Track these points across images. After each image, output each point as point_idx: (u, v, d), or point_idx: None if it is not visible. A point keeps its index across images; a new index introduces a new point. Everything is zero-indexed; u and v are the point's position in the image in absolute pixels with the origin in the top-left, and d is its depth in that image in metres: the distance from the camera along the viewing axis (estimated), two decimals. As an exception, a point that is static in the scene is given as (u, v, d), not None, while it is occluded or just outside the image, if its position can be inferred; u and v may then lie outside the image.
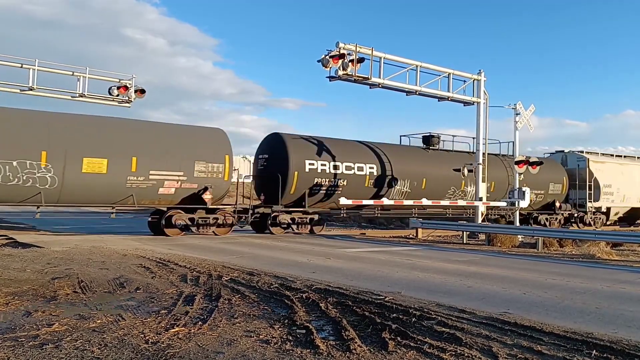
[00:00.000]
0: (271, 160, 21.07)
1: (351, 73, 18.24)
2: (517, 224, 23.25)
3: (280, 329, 5.97)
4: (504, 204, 24.90)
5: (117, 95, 21.19)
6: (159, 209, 18.58)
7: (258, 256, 13.40)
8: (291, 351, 5.17)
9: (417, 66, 20.34)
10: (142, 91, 21.85)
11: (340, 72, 17.99)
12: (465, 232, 20.89)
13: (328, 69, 17.98)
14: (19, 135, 15.89)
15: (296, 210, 20.94)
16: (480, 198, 23.07)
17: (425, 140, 25.56)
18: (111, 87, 21.39)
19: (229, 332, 5.80)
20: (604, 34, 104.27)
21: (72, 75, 20.76)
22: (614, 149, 59.19)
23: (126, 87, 21.27)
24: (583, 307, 7.77)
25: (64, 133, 16.59)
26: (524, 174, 23.46)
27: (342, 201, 21.37)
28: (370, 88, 19.86)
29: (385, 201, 22.52)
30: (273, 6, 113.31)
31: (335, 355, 5.08)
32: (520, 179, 23.00)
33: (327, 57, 17.71)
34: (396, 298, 7.85)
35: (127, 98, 21.16)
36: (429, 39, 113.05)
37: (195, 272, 9.93)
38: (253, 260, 12.45)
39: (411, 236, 21.92)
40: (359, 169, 22.03)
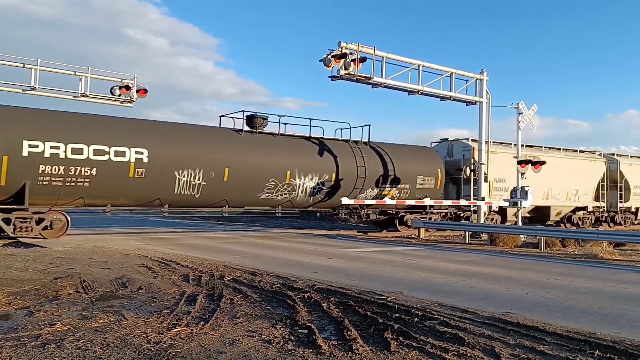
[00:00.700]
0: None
1: (353, 72, 18.22)
2: (520, 224, 23.19)
3: (282, 329, 5.97)
4: (507, 204, 24.85)
5: (119, 95, 21.18)
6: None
7: (260, 256, 13.40)
8: (293, 351, 5.16)
9: (420, 65, 20.32)
10: (144, 91, 21.86)
11: (342, 72, 17.97)
12: (467, 232, 20.85)
13: (330, 69, 17.97)
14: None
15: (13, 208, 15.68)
16: (482, 198, 23.04)
17: (248, 121, 20.71)
18: (113, 87, 21.40)
19: (231, 332, 5.80)
20: (607, 35, 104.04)
21: (74, 75, 20.77)
22: (616, 148, 59.00)
23: (128, 87, 21.27)
24: (586, 307, 7.75)
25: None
26: (379, 164, 21.24)
27: (344, 201, 21.31)
28: (372, 88, 19.83)
29: (387, 201, 22.51)
30: (274, 6, 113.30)
31: (337, 355, 5.07)
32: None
33: (329, 57, 17.70)
34: (398, 298, 7.84)
35: (129, 98, 21.13)
36: (431, 39, 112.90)
37: (197, 272, 9.93)
38: (255, 260, 12.45)
39: (413, 236, 21.90)
40: (119, 154, 16.81)
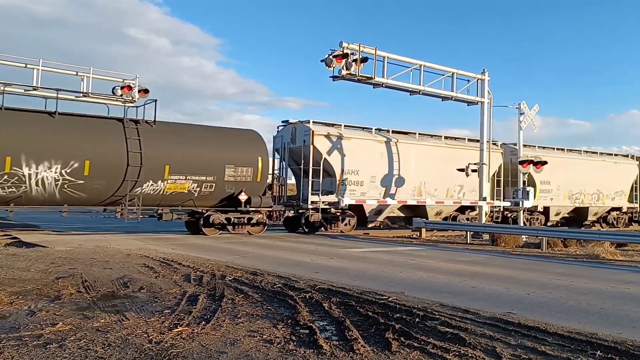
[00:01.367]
0: None
1: (355, 73, 18.25)
2: (521, 224, 23.18)
3: (283, 329, 5.97)
4: (508, 204, 24.85)
5: (121, 95, 21.27)
6: None
7: (261, 256, 13.40)
8: (294, 351, 5.17)
9: (421, 66, 20.33)
10: (146, 91, 21.92)
11: (343, 72, 18.00)
12: (469, 232, 20.85)
13: (331, 69, 18.01)
14: None
15: None
16: (484, 198, 23.03)
17: None
18: (115, 87, 21.48)
19: (233, 332, 5.80)
20: (609, 34, 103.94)
21: (76, 75, 20.85)
22: (618, 149, 58.91)
23: (130, 87, 21.36)
24: (587, 308, 7.74)
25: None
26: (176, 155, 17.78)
27: (346, 200, 21.33)
28: (373, 88, 19.86)
29: (388, 201, 22.52)
30: (275, 6, 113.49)
31: (338, 355, 5.07)
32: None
33: (331, 57, 17.73)
34: (400, 298, 7.83)
35: (131, 98, 21.21)
36: (433, 39, 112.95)
37: (198, 272, 9.93)
38: (256, 260, 12.45)
39: (415, 236, 21.89)
40: None
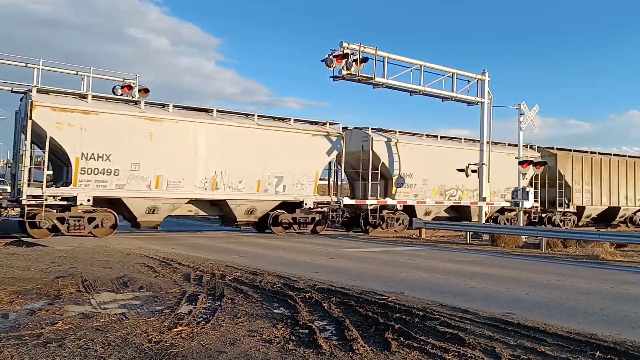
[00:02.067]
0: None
1: (355, 73, 18.24)
2: (521, 224, 23.18)
3: (283, 329, 5.97)
4: (507, 204, 24.87)
5: (121, 94, 21.28)
6: None
7: (261, 256, 13.41)
8: (294, 351, 5.17)
9: (421, 66, 20.32)
10: (146, 90, 21.95)
11: (344, 72, 17.99)
12: (468, 233, 20.85)
13: (332, 69, 17.99)
14: None
15: None
16: (484, 198, 23.04)
17: None
18: (115, 87, 21.50)
19: (232, 332, 5.81)
20: (609, 35, 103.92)
21: (77, 74, 20.87)
22: (618, 149, 58.87)
23: (130, 87, 21.39)
24: (587, 308, 7.75)
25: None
26: None
27: (346, 200, 21.35)
28: (374, 88, 19.85)
29: (389, 201, 22.51)
30: (275, 5, 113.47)
31: (338, 355, 5.08)
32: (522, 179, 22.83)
33: (331, 57, 17.72)
34: (399, 298, 7.84)
35: (131, 97, 21.22)
36: (433, 39, 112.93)
37: (198, 272, 9.94)
38: (256, 259, 12.45)
39: (414, 236, 21.90)
40: None
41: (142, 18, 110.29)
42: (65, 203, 16.50)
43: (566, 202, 28.52)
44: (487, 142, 23.16)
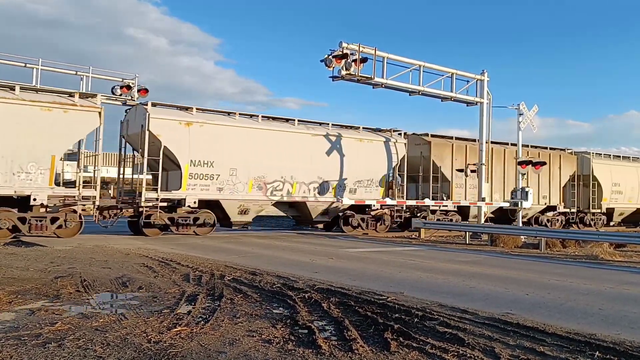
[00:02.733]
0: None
1: (354, 73, 18.23)
2: (520, 225, 23.19)
3: (282, 329, 5.97)
4: (507, 204, 24.88)
5: (120, 94, 21.22)
6: None
7: (260, 256, 13.41)
8: (293, 351, 5.17)
9: (421, 66, 20.32)
10: (145, 90, 21.87)
11: (343, 72, 17.98)
12: (467, 233, 20.86)
13: (331, 69, 17.98)
14: None
15: None
16: (483, 198, 23.05)
17: None
18: (114, 87, 21.43)
19: (232, 332, 5.80)
20: (608, 35, 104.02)
21: (76, 74, 20.82)
22: (617, 149, 58.98)
23: (129, 87, 21.30)
24: (586, 308, 7.75)
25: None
26: None
27: (345, 200, 21.38)
28: (373, 88, 19.85)
29: (388, 201, 22.53)
30: (275, 5, 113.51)
31: (337, 355, 5.08)
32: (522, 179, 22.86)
33: (330, 57, 17.72)
34: (398, 298, 7.84)
35: (130, 97, 21.17)
36: (432, 40, 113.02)
37: (197, 272, 9.93)
38: (255, 259, 12.45)
39: (414, 236, 21.90)
40: None
41: (141, 18, 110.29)
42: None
43: (444, 198, 24.45)
44: (487, 142, 23.18)
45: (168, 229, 18.57)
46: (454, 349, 5.30)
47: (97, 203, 17.44)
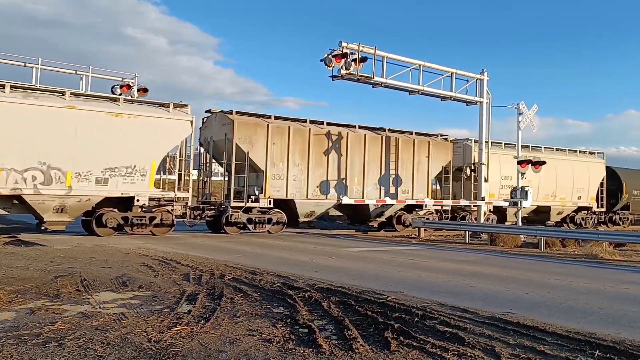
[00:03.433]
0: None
1: (354, 72, 18.25)
2: (520, 224, 23.20)
3: (282, 328, 5.97)
4: (506, 204, 24.87)
5: (120, 94, 21.23)
6: None
7: (260, 255, 13.40)
8: (293, 350, 5.17)
9: (420, 65, 20.33)
10: (145, 90, 21.91)
11: (343, 72, 17.99)
12: (467, 232, 20.87)
13: (331, 68, 18.00)
14: None
15: None
16: (483, 197, 23.05)
17: None
18: (114, 86, 21.46)
19: (232, 331, 5.80)
20: (607, 35, 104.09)
21: (75, 74, 20.85)
22: (616, 149, 58.83)
23: (129, 86, 21.35)
24: (586, 308, 7.76)
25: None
26: None
27: (345, 200, 21.37)
28: (372, 87, 19.86)
29: (388, 200, 22.53)
30: (274, 5, 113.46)
31: (337, 354, 5.08)
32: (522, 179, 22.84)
33: (330, 56, 17.72)
34: (399, 297, 7.84)
35: (130, 97, 21.19)
36: (432, 39, 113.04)
37: (197, 271, 9.93)
38: (255, 259, 12.45)
39: (414, 236, 21.91)
40: None
41: (141, 18, 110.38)
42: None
43: (256, 193, 20.15)
44: (486, 142, 23.18)
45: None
46: (454, 348, 5.30)
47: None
